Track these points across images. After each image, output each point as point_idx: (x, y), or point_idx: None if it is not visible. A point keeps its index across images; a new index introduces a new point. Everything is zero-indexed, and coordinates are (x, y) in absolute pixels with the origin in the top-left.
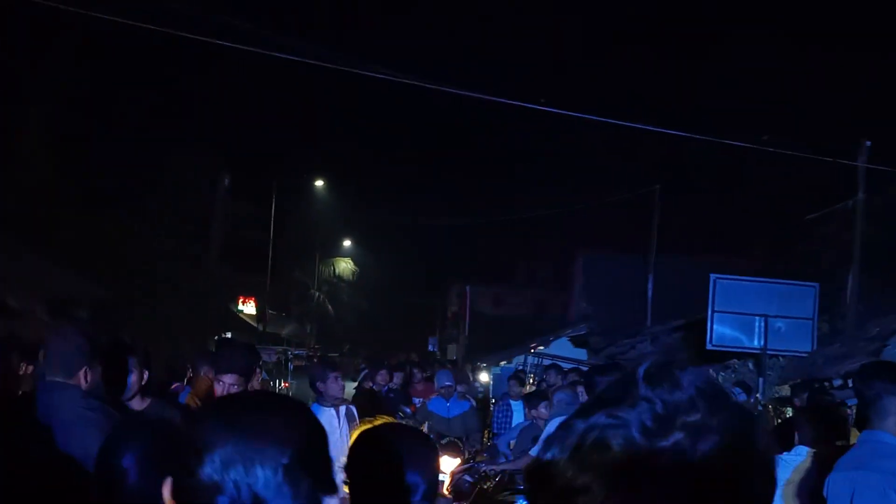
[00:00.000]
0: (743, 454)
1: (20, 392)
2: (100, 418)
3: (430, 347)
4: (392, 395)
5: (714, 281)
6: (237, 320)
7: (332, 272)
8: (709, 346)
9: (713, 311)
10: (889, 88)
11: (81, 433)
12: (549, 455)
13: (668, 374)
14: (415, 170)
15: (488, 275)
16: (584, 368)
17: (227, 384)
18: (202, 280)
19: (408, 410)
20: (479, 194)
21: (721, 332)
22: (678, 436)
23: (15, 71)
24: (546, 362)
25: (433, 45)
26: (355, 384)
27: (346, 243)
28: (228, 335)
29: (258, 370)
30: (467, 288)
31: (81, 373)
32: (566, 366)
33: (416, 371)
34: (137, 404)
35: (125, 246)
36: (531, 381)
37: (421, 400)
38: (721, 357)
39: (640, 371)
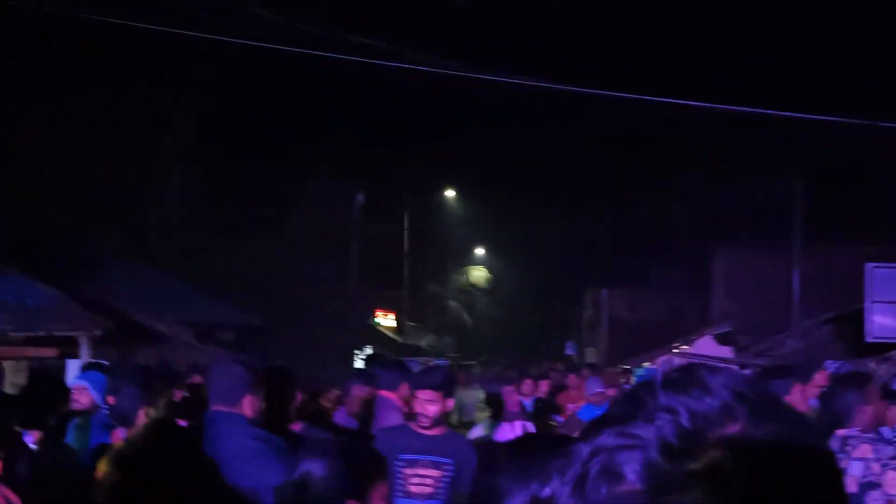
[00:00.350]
0: (803, 473)
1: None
2: (266, 448)
3: (568, 351)
4: (540, 404)
5: (871, 270)
6: (376, 334)
7: (466, 281)
8: (869, 339)
9: (871, 302)
10: None
11: (249, 464)
12: (547, 491)
13: (695, 376)
14: (542, 174)
15: (623, 278)
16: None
17: (423, 400)
18: (342, 298)
19: (560, 420)
20: (608, 196)
21: (881, 322)
22: (713, 455)
23: (155, 102)
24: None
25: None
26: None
27: (480, 252)
28: (369, 350)
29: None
30: (603, 292)
31: (245, 401)
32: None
33: (571, 374)
34: (293, 428)
35: (266, 269)
36: None
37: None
38: (879, 349)
39: (658, 375)
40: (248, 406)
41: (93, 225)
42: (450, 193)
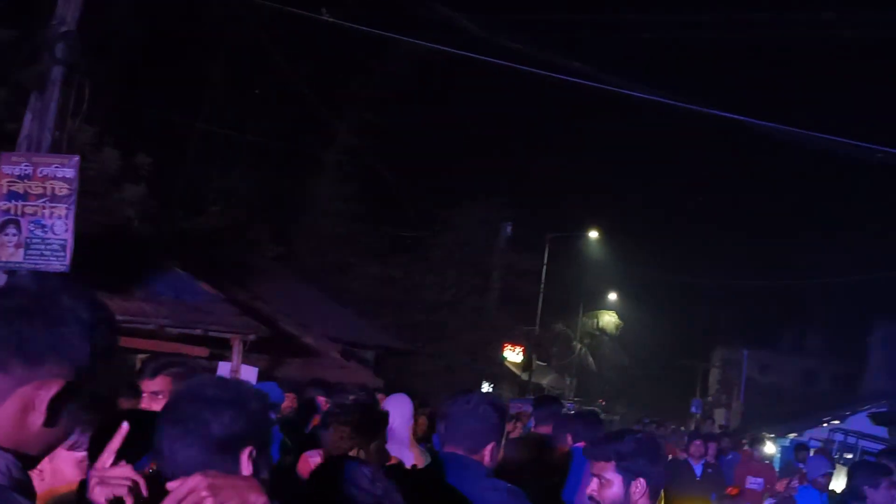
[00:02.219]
0: None
1: None
2: (510, 500)
3: (693, 410)
4: (710, 471)
5: None
6: (502, 368)
7: (595, 325)
8: None
9: None
10: None
11: None
12: None
13: None
14: (688, 225)
15: (751, 339)
16: None
17: None
18: (480, 328)
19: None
20: (754, 252)
21: None
22: None
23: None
24: (852, 440)
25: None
26: None
27: (612, 296)
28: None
29: None
30: (744, 352)
31: (487, 449)
32: (874, 447)
33: (742, 443)
34: None
35: (411, 293)
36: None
37: (762, 482)
38: None
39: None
40: (489, 454)
41: (250, 230)
42: (592, 234)
